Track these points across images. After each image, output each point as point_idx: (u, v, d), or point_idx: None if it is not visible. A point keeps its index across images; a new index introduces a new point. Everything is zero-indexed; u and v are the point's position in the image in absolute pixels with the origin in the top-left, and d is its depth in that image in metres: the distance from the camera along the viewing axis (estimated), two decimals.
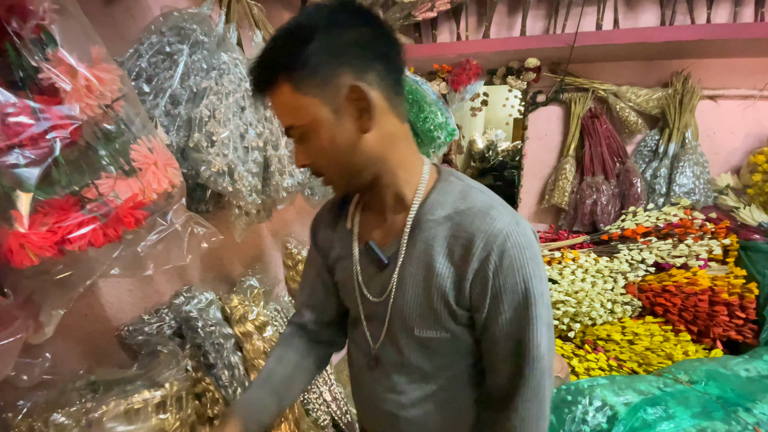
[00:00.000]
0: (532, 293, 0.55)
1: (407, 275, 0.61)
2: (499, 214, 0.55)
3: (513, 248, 0.54)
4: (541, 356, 0.56)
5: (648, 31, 1.86)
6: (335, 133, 0.53)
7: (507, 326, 0.56)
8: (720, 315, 1.67)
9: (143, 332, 1.00)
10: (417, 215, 0.59)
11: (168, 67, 0.76)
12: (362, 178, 0.58)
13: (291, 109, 0.54)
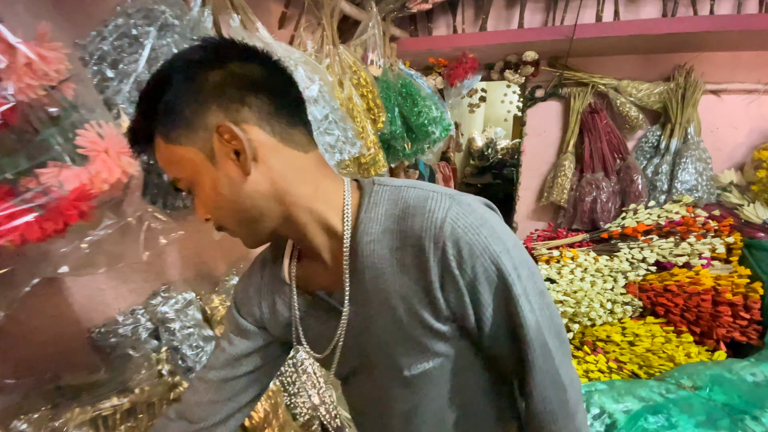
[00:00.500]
0: (506, 271, 0.48)
1: (372, 315, 0.53)
2: (436, 203, 0.48)
3: (466, 233, 0.47)
4: (534, 332, 0.50)
5: (649, 22, 1.80)
6: (217, 181, 0.48)
7: (497, 318, 0.51)
8: (723, 315, 1.62)
9: (117, 334, 0.95)
10: (352, 243, 0.51)
11: (134, 51, 0.71)
12: (266, 224, 0.51)
13: (168, 161, 0.49)
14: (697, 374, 1.03)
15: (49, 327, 0.87)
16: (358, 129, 1.41)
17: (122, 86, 0.68)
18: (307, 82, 0.98)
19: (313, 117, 0.98)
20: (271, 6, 1.43)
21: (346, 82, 1.40)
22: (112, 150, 0.51)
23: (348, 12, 1.59)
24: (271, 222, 0.51)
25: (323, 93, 1.03)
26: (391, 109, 1.67)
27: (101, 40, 0.70)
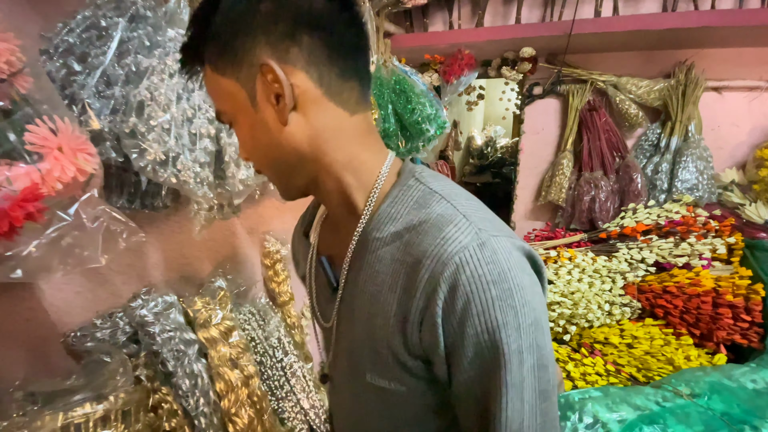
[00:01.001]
0: (503, 350, 0.38)
1: (355, 307, 0.49)
2: (457, 230, 0.40)
3: (469, 282, 0.38)
4: (516, 430, 0.40)
5: (649, 17, 1.76)
6: (255, 124, 0.45)
7: (472, 387, 0.42)
8: (724, 318, 1.58)
9: (94, 338, 0.92)
10: (363, 232, 0.47)
11: (103, 43, 0.68)
12: (297, 180, 0.49)
13: (213, 91, 0.48)
14: (695, 381, 1.00)
15: (22, 331, 0.84)
16: None
17: (88, 80, 0.65)
18: None
19: None
20: None
21: None
22: (67, 147, 0.48)
23: None
24: (301, 179, 0.49)
25: None
26: (385, 107, 1.64)
27: (68, 32, 0.67)
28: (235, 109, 0.46)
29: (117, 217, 0.55)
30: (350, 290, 0.50)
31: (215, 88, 0.46)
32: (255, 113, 0.44)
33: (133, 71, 0.69)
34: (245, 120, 0.46)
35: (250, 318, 1.27)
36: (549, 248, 1.96)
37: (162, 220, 1.06)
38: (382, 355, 0.47)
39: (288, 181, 0.49)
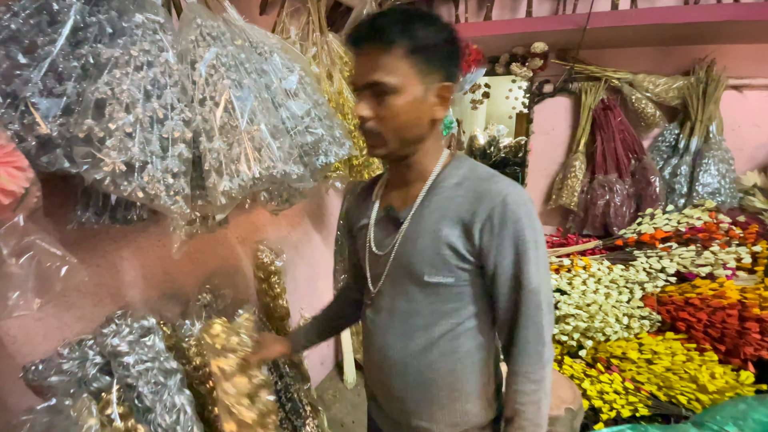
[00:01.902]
0: (527, 239, 0.67)
1: (420, 230, 0.73)
2: (500, 179, 0.71)
3: (512, 203, 0.67)
4: (534, 289, 0.68)
5: (670, 11, 1.65)
6: (416, 106, 0.67)
7: (508, 267, 0.69)
8: (751, 332, 1.47)
9: (60, 370, 0.81)
10: (433, 183, 0.74)
11: (54, 30, 0.56)
12: (406, 148, 0.71)
13: (390, 67, 0.64)
14: (743, 417, 0.89)
15: None
16: (349, 128, 1.26)
17: (33, 75, 0.53)
18: (284, 72, 0.83)
19: (291, 113, 0.83)
20: None
21: (336, 74, 1.25)
22: None
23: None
24: (409, 149, 0.72)
25: (304, 85, 0.88)
26: None
27: (12, 16, 0.55)
28: (404, 88, 0.65)
29: (51, 251, 0.44)
30: (416, 220, 0.74)
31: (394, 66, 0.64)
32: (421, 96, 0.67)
33: (91, 63, 0.58)
34: (409, 96, 0.66)
35: None
36: (561, 255, 1.85)
37: (139, 232, 0.94)
38: (444, 255, 0.70)
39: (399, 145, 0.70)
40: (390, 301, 0.80)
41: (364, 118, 0.68)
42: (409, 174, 0.76)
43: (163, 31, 0.63)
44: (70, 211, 0.75)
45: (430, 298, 0.74)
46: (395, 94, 0.65)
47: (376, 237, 0.81)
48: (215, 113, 0.64)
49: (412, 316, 0.77)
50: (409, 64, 0.65)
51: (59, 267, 0.44)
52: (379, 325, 0.81)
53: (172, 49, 0.64)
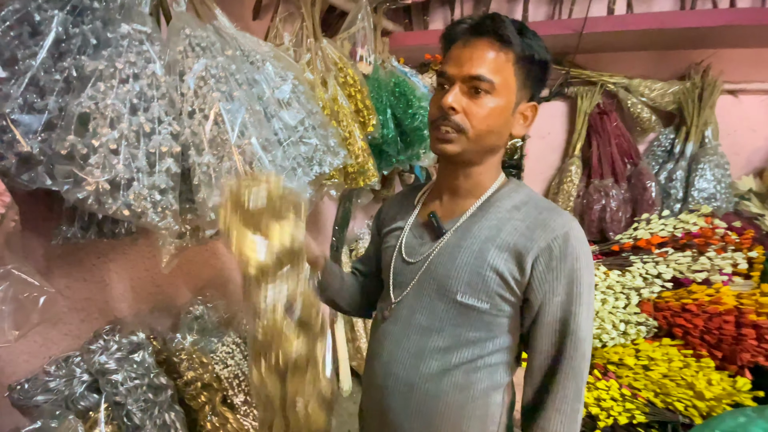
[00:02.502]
0: (584, 281, 0.63)
1: (463, 245, 0.68)
2: (562, 212, 0.67)
3: (574, 239, 0.64)
4: (583, 338, 0.64)
5: (666, 16, 1.65)
6: (505, 114, 0.66)
7: (557, 308, 0.64)
8: (748, 339, 1.47)
9: (46, 389, 0.79)
10: (486, 202, 0.71)
11: (36, 43, 0.54)
12: (478, 154, 0.68)
13: (498, 67, 0.64)
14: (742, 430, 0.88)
15: None
16: (344, 135, 1.25)
17: (13, 90, 0.51)
18: (276, 81, 0.81)
19: (284, 123, 0.81)
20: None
21: (331, 81, 1.23)
22: None
23: (333, 2, 1.42)
24: (477, 156, 0.69)
25: (297, 94, 0.86)
26: (383, 111, 1.50)
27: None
28: (501, 92, 0.64)
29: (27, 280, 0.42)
30: (460, 234, 0.70)
31: (500, 68, 0.64)
32: (511, 107, 0.66)
33: (74, 76, 0.55)
34: (502, 102, 0.65)
35: (234, 350, 1.13)
36: None
37: (127, 245, 0.92)
38: (486, 277, 0.65)
39: (473, 147, 0.67)
40: (409, 314, 0.73)
41: (453, 109, 0.64)
42: (464, 185, 0.72)
43: (150, 42, 0.61)
44: (54, 225, 0.73)
45: (457, 320, 0.68)
46: (491, 95, 0.64)
47: (408, 243, 0.76)
48: (204, 126, 0.62)
49: (431, 334, 0.70)
50: (513, 71, 0.64)
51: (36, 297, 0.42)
52: (391, 336, 0.75)
53: (159, 60, 0.62)
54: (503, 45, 0.64)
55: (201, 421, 1.01)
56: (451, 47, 0.69)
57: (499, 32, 0.63)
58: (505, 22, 0.64)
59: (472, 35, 0.65)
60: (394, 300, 0.76)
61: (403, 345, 0.73)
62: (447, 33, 0.71)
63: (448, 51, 0.69)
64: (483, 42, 0.64)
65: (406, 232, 0.78)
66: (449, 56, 0.68)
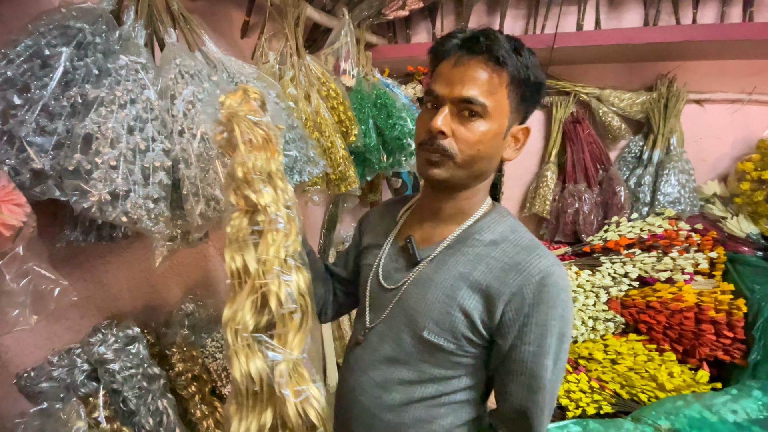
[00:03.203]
0: (554, 331, 0.59)
1: (436, 279, 0.65)
2: (544, 253, 0.62)
3: (552, 286, 0.59)
4: (544, 387, 0.61)
5: (631, 31, 1.76)
6: (497, 139, 0.63)
7: (526, 357, 0.61)
8: (706, 334, 1.57)
9: (50, 377, 0.87)
10: (465, 231, 0.68)
11: (46, 74, 0.63)
12: (464, 180, 0.65)
13: (491, 89, 0.60)
14: (675, 413, 0.98)
15: None
16: (326, 145, 1.34)
17: (27, 116, 0.60)
18: None
19: None
20: (232, 14, 1.35)
21: (314, 95, 1.33)
22: None
23: (318, 20, 1.52)
24: (467, 180, 0.66)
25: (278, 111, 0.96)
26: (365, 121, 1.60)
27: (7, 63, 0.62)
28: (493, 116, 0.61)
29: (46, 275, 0.51)
30: (435, 265, 0.67)
31: (492, 90, 0.60)
32: (503, 131, 0.63)
33: (79, 102, 0.65)
34: (494, 126, 0.62)
35: (222, 345, 1.22)
36: None
37: (124, 248, 1.01)
38: (454, 316, 0.63)
39: (462, 172, 0.64)
40: (379, 342, 0.71)
41: (441, 133, 0.60)
42: (448, 209, 0.68)
43: (144, 71, 0.71)
44: (58, 230, 0.82)
45: (422, 356, 0.66)
46: (483, 119, 0.60)
47: (385, 266, 0.73)
48: (192, 144, 0.72)
49: (396, 366, 0.68)
50: (506, 93, 0.60)
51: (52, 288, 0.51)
52: (360, 363, 0.73)
53: (153, 86, 0.71)
54: (497, 65, 0.59)
55: (191, 409, 1.09)
56: (440, 63, 0.64)
57: (493, 51, 0.59)
58: (500, 40, 0.60)
59: (464, 53, 0.61)
60: (369, 325, 0.73)
61: (370, 373, 0.71)
62: (436, 48, 0.65)
63: (437, 67, 0.65)
64: (476, 61, 0.59)
65: (384, 254, 0.74)
66: (439, 73, 0.63)
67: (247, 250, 0.62)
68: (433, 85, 0.64)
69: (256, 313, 0.62)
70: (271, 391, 0.59)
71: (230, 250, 0.63)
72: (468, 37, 0.62)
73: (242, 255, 0.62)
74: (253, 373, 0.58)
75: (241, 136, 0.63)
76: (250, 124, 0.64)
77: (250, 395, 0.60)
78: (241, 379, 0.58)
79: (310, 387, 0.60)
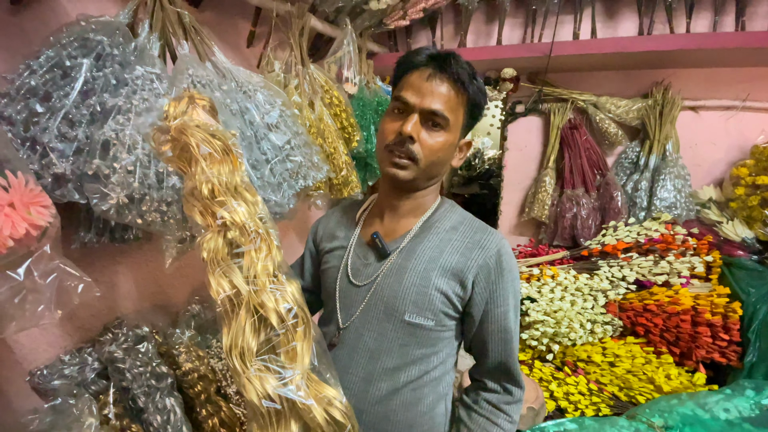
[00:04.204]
0: (517, 291, 0.74)
1: (408, 266, 0.72)
2: (493, 231, 0.75)
3: (506, 255, 0.72)
4: (515, 335, 0.75)
5: (626, 40, 1.80)
6: (451, 148, 0.73)
7: (500, 317, 0.71)
8: (703, 336, 1.60)
9: (62, 375, 0.90)
10: (426, 222, 0.77)
11: (66, 84, 0.67)
12: (423, 180, 0.74)
13: (453, 107, 0.70)
14: (669, 411, 1.00)
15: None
16: (329, 150, 1.38)
17: (50, 123, 0.64)
18: (266, 108, 0.95)
19: (272, 144, 0.94)
20: (238, 24, 1.40)
21: (317, 102, 1.37)
22: (19, 202, 0.47)
23: (321, 30, 1.56)
24: (425, 183, 0.75)
25: (284, 118, 1.00)
26: (367, 127, 1.64)
27: (30, 73, 0.66)
28: (451, 130, 0.70)
29: (71, 272, 0.54)
30: (405, 254, 0.74)
31: (455, 110, 0.70)
32: (455, 142, 0.74)
33: (98, 111, 0.68)
34: (450, 138, 0.71)
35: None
36: (532, 266, 1.97)
37: (135, 248, 1.04)
38: (431, 296, 0.70)
39: (428, 175, 0.73)
40: (356, 338, 0.74)
41: (411, 138, 0.68)
42: (407, 206, 0.76)
43: (159, 81, 0.74)
44: (73, 232, 0.85)
45: (404, 339, 0.71)
46: (444, 131, 0.69)
47: (353, 264, 0.77)
48: None
49: (379, 356, 0.72)
50: (462, 112, 0.71)
51: (76, 285, 0.54)
52: (338, 363, 0.73)
53: (167, 95, 0.75)
54: (461, 88, 0.68)
55: (197, 408, 1.12)
56: (408, 73, 0.70)
57: (460, 76, 0.67)
58: (465, 68, 0.68)
59: (435, 69, 0.68)
60: (342, 325, 0.76)
61: (351, 371, 0.73)
62: (407, 59, 0.72)
63: (405, 76, 0.71)
64: (445, 80, 0.67)
65: (350, 253, 0.79)
66: (408, 83, 0.70)
67: (232, 273, 0.58)
68: (402, 93, 0.71)
69: (257, 334, 0.58)
70: (292, 404, 0.57)
71: (214, 276, 0.58)
72: (439, 56, 0.69)
73: (229, 278, 0.58)
74: (271, 394, 0.55)
75: (198, 150, 0.59)
76: (206, 136, 0.60)
77: (272, 413, 0.57)
78: (260, 402, 0.55)
79: (327, 389, 0.59)
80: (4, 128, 0.58)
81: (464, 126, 0.73)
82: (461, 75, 0.68)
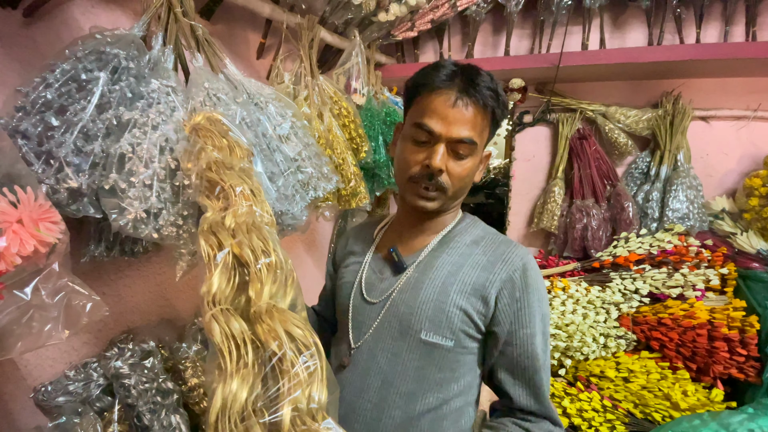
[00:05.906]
0: (545, 315, 0.68)
1: (425, 281, 0.68)
2: (518, 245, 0.71)
3: (532, 270, 0.68)
4: (544, 364, 0.68)
5: (635, 51, 1.80)
6: (476, 168, 0.70)
7: (525, 341, 0.65)
8: (720, 351, 1.56)
9: (66, 391, 0.88)
10: (446, 236, 0.73)
11: (82, 97, 0.66)
12: (450, 205, 0.72)
13: (480, 130, 0.67)
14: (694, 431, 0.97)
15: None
16: (338, 161, 1.37)
17: (66, 137, 0.63)
18: (278, 120, 0.94)
19: (284, 156, 0.93)
20: (249, 36, 1.40)
21: (326, 113, 1.36)
22: (28, 218, 0.46)
23: (330, 41, 1.57)
24: (454, 204, 0.74)
25: (295, 129, 0.99)
26: (375, 138, 1.64)
27: (46, 86, 0.65)
28: (477, 150, 0.68)
29: (79, 290, 0.52)
30: (422, 268, 0.70)
31: (482, 132, 0.68)
32: (480, 160, 0.71)
33: (114, 124, 0.67)
34: (476, 159, 0.69)
35: None
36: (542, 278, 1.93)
37: (142, 261, 1.03)
38: (450, 312, 0.65)
39: (454, 201, 0.72)
40: (369, 359, 0.68)
41: (440, 170, 0.65)
42: (426, 224, 0.74)
43: (174, 94, 0.74)
44: (82, 246, 0.84)
45: (420, 362, 0.65)
46: (472, 156, 0.66)
47: (368, 279, 0.74)
48: None
49: (393, 379, 0.65)
50: (488, 131, 0.68)
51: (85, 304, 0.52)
52: (350, 386, 0.68)
53: (182, 108, 0.74)
54: (485, 108, 0.65)
55: (203, 425, 1.09)
56: (428, 94, 0.65)
57: (485, 97, 0.64)
58: (489, 85, 0.64)
59: (459, 93, 0.63)
60: (354, 345, 0.71)
61: (364, 395, 0.67)
62: (425, 79, 0.66)
63: (425, 98, 0.65)
64: (470, 104, 0.63)
65: (365, 268, 0.75)
66: (431, 109, 0.64)
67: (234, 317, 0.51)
68: (425, 120, 0.65)
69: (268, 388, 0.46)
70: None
71: (218, 323, 0.50)
72: (463, 75, 0.64)
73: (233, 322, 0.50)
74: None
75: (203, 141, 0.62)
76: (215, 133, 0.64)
77: None
78: None
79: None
80: (19, 142, 0.57)
81: (486, 140, 0.71)
82: (487, 98, 0.64)
